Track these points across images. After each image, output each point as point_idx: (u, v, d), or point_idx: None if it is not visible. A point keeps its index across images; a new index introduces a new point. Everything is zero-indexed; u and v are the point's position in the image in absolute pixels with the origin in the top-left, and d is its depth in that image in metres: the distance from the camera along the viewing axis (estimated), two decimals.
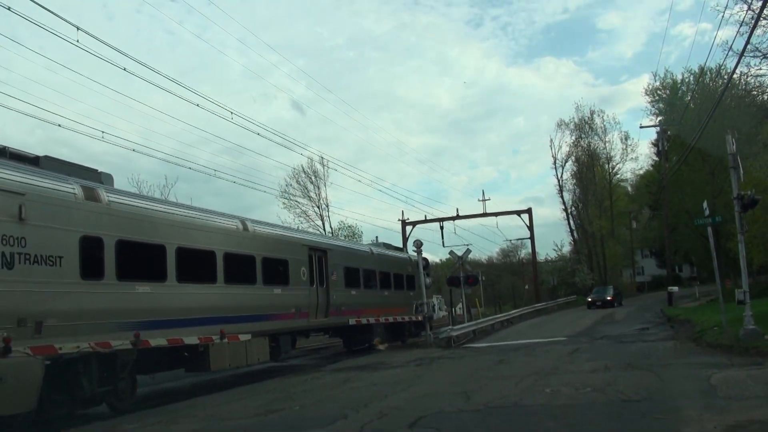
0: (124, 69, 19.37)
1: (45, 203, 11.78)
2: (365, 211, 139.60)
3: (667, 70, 56.84)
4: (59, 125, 21.85)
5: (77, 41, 16.68)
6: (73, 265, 12.19)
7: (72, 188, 12.62)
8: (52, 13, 15.95)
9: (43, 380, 11.07)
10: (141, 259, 14.28)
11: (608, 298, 50.40)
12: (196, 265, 16.09)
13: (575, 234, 77.96)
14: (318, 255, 22.58)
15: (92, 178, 13.95)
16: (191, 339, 14.77)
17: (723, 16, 34.47)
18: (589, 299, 51.59)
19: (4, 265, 10.73)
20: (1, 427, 10.74)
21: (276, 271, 19.69)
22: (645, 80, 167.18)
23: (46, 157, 13.29)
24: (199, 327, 15.46)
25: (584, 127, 73.68)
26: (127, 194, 15.39)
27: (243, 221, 18.78)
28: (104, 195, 13.43)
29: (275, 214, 61.31)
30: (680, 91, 48.38)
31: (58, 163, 13.44)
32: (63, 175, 12.82)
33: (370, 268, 27.43)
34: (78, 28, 16.60)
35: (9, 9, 15.01)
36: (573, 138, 74.19)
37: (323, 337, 29.70)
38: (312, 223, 56.00)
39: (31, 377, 10.84)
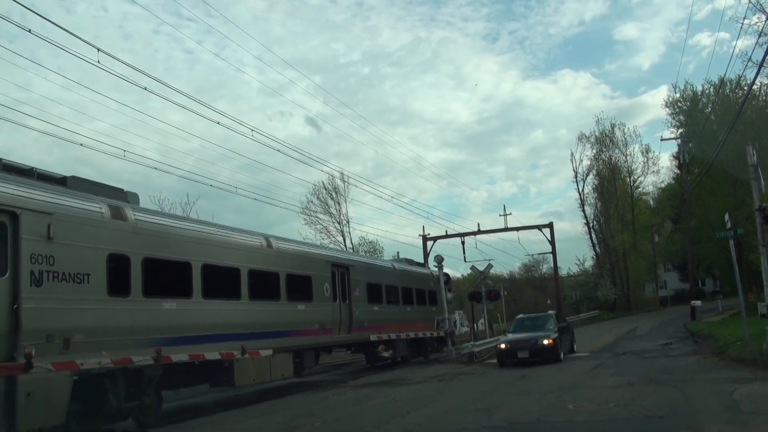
0: (145, 88, 19.54)
1: (73, 222, 12.03)
2: (385, 227, 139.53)
3: (687, 82, 56.71)
4: (81, 144, 22.16)
5: (98, 62, 16.86)
6: (101, 283, 12.42)
7: (99, 207, 12.87)
8: (72, 34, 16.17)
9: (70, 395, 11.25)
10: (167, 276, 14.52)
11: (545, 342, 22.71)
12: (221, 281, 16.26)
13: (597, 248, 77.74)
14: (341, 271, 22.75)
15: (119, 197, 14.21)
16: (212, 354, 14.83)
17: (742, 26, 34.19)
18: (502, 346, 23.39)
19: (33, 283, 10.96)
20: None
21: (300, 287, 19.83)
22: (663, 92, 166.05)
23: (73, 177, 13.55)
24: (224, 343, 15.58)
25: (605, 140, 73.76)
26: (153, 213, 15.68)
27: (267, 238, 18.97)
28: (131, 214, 13.68)
29: (296, 231, 61.38)
30: (701, 103, 48.07)
31: (85, 183, 13.70)
32: (90, 195, 13.08)
33: (392, 284, 27.50)
34: (99, 50, 16.79)
35: (29, 31, 15.27)
36: (594, 151, 74.34)
37: (346, 352, 29.70)
38: (333, 239, 56.22)
39: (59, 392, 11.04)
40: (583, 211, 76.65)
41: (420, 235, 58.80)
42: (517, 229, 59.52)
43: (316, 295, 20.61)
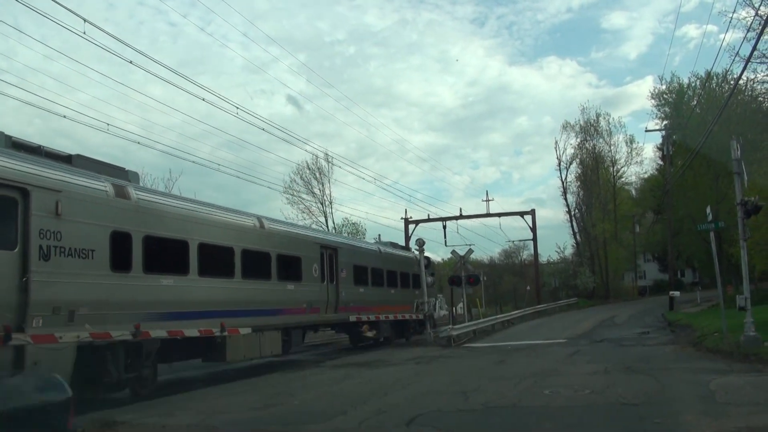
0: (131, 62, 19.35)
1: (79, 200, 12.54)
2: (367, 209, 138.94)
3: (673, 74, 56.79)
4: (64, 116, 21.94)
5: (84, 32, 16.74)
6: (104, 258, 12.98)
7: (104, 186, 13.40)
8: (57, 3, 15.95)
9: (74, 365, 11.76)
10: (165, 254, 15.04)
11: None
12: (216, 260, 16.80)
13: (578, 236, 77.93)
14: (329, 253, 23.29)
15: (120, 176, 14.73)
16: (191, 331, 15.04)
17: (731, 21, 34.21)
18: None
19: (41, 257, 11.48)
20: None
21: (290, 267, 20.41)
22: (649, 82, 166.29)
23: (78, 155, 13.99)
24: (217, 319, 16.12)
25: (589, 129, 73.64)
26: (153, 192, 16.38)
27: (260, 219, 19.51)
28: (133, 193, 14.22)
29: (278, 210, 61.02)
30: (686, 96, 48.17)
31: (89, 162, 14.17)
32: (95, 174, 13.58)
33: (378, 267, 28.10)
34: (85, 20, 16.66)
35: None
36: (578, 140, 74.20)
37: (329, 332, 29.96)
38: (315, 219, 55.83)
39: (64, 362, 11.55)
40: (566, 199, 76.83)
41: (402, 218, 58.82)
42: (499, 215, 59.70)
43: (305, 275, 21.15)
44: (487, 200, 58.78)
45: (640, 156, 75.89)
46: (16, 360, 10.85)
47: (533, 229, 59.77)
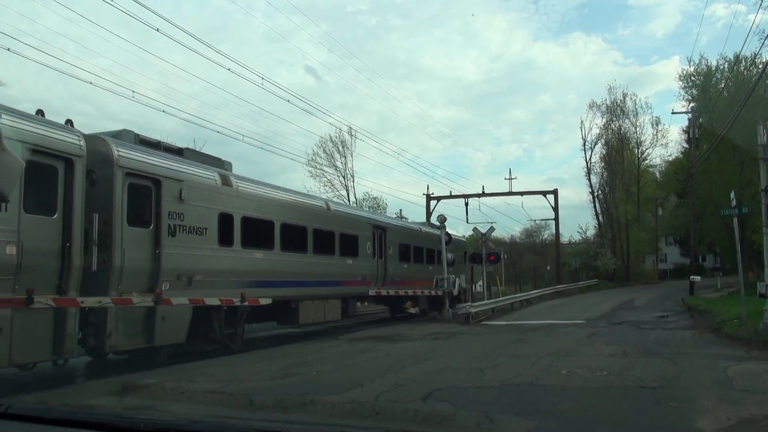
0: (158, 29, 19.51)
1: (196, 188, 15.40)
2: (388, 183, 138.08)
3: (702, 56, 55.80)
4: (90, 83, 22.19)
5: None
6: (214, 235, 15.87)
7: (213, 176, 16.32)
8: None
9: (190, 321, 14.76)
10: (257, 232, 17.89)
11: None
12: (294, 237, 19.64)
13: (600, 218, 77.34)
14: (379, 232, 26.14)
15: (219, 165, 17.45)
16: (213, 300, 15.85)
17: (761, 1, 33.44)
18: None
19: (169, 234, 14.33)
20: (153, 353, 14.13)
21: (349, 244, 23.25)
22: (675, 62, 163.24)
23: (187, 149, 17.06)
24: (294, 288, 19.24)
25: (616, 109, 72.78)
26: (247, 180, 18.63)
27: (326, 202, 23.07)
28: (235, 181, 17.15)
29: (298, 182, 61.03)
30: (714, 78, 47.41)
31: (195, 154, 17.40)
32: (207, 166, 16.48)
33: (419, 245, 30.79)
34: None
35: None
36: (604, 120, 73.34)
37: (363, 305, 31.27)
38: (336, 192, 55.86)
39: (183, 318, 14.62)
40: (589, 179, 75.97)
41: (424, 194, 58.77)
42: (522, 193, 59.32)
43: (360, 251, 24.12)
44: (510, 178, 58.48)
45: (665, 138, 74.85)
46: (147, 316, 13.70)
47: (555, 208, 59.62)
